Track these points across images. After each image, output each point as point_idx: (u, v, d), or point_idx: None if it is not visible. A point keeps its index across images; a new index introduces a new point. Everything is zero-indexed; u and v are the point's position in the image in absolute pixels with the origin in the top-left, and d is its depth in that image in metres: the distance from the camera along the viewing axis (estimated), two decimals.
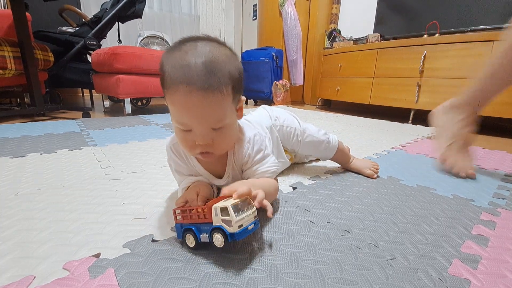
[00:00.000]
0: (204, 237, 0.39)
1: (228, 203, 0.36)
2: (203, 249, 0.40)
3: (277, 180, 0.55)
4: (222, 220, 0.36)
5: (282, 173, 0.75)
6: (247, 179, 0.53)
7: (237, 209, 0.36)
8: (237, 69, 0.43)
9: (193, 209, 0.39)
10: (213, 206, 0.37)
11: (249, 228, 0.37)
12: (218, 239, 0.36)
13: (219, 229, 0.36)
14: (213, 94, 0.39)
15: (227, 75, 0.40)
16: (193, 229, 0.39)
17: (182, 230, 0.41)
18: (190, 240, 0.40)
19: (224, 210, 0.36)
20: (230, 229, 0.35)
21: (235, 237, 0.35)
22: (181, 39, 0.42)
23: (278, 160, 0.69)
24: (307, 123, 0.72)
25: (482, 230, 0.49)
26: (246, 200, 0.38)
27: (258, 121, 0.65)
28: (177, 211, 0.41)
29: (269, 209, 0.40)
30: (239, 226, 0.36)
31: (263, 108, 0.73)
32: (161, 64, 0.42)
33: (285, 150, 0.72)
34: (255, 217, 0.39)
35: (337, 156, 0.75)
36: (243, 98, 0.48)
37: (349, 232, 0.47)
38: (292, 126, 0.68)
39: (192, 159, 0.52)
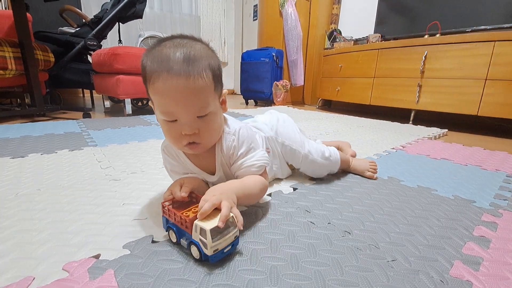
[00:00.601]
0: (183, 243, 0.39)
1: (209, 226, 0.35)
2: None
3: (266, 176, 0.53)
4: (200, 239, 0.36)
5: None
6: (234, 173, 0.52)
7: (217, 232, 0.36)
8: (216, 62, 0.44)
9: (176, 214, 0.39)
10: (194, 222, 0.36)
11: (225, 250, 0.37)
12: (195, 252, 0.37)
13: (196, 245, 0.36)
14: (194, 79, 0.40)
15: (207, 64, 0.42)
16: (174, 230, 0.40)
17: (167, 225, 0.42)
18: (173, 237, 0.41)
19: (203, 231, 0.35)
20: (205, 251, 0.35)
21: (208, 259, 0.36)
22: (159, 39, 0.43)
23: (282, 169, 0.68)
24: (311, 141, 0.69)
25: (483, 232, 0.49)
26: (229, 220, 0.38)
27: (257, 126, 0.64)
28: (165, 206, 0.41)
29: (239, 220, 0.39)
30: (214, 251, 0.36)
31: (270, 113, 0.71)
32: (141, 62, 0.43)
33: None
34: (235, 237, 0.38)
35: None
36: (225, 91, 0.49)
37: (349, 233, 0.46)
38: (293, 148, 0.66)
39: (183, 157, 0.52)
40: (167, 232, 0.42)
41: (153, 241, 0.43)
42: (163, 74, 0.39)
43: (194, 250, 0.37)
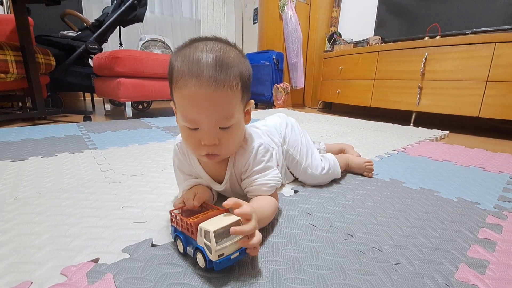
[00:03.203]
0: (189, 251, 0.37)
1: (212, 228, 0.33)
2: None
3: (276, 196, 0.52)
4: (205, 243, 0.34)
5: None
6: (244, 188, 0.51)
7: (223, 235, 0.34)
8: (247, 70, 0.43)
9: (183, 220, 0.38)
10: (199, 225, 0.35)
11: (233, 257, 0.34)
12: (200, 260, 0.35)
13: (201, 250, 0.35)
14: (222, 89, 0.38)
15: (238, 72, 0.40)
16: (182, 238, 0.38)
17: (174, 234, 0.40)
18: (180, 246, 0.39)
19: (207, 234, 0.34)
20: (210, 256, 0.34)
21: (213, 266, 0.34)
22: (192, 39, 0.42)
23: (286, 176, 0.67)
24: (315, 153, 0.68)
25: (488, 234, 0.48)
26: (236, 223, 0.36)
27: (270, 132, 0.64)
28: (173, 214, 0.40)
29: (256, 239, 0.35)
30: (219, 255, 0.33)
31: (278, 117, 0.70)
32: (170, 61, 0.41)
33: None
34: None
35: None
36: (252, 101, 0.47)
37: (352, 236, 0.46)
38: (296, 159, 0.65)
39: (194, 161, 0.51)
40: (175, 242, 0.41)
41: (152, 245, 0.42)
42: (192, 80, 0.37)
43: (199, 257, 0.35)
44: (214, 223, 0.35)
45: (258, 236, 0.36)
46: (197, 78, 0.37)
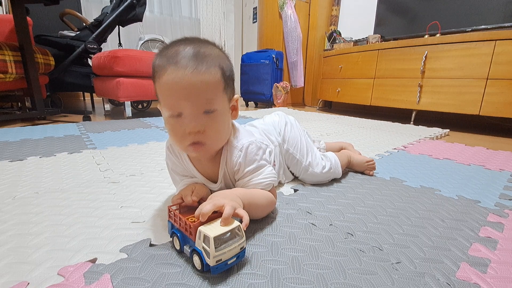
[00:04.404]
0: (186, 250, 0.37)
1: (212, 233, 0.33)
2: None
3: (275, 193, 0.52)
4: (203, 247, 0.34)
5: None
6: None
7: (222, 241, 0.34)
8: (227, 66, 0.43)
9: (182, 219, 0.38)
10: (198, 229, 0.35)
11: (229, 262, 0.35)
12: (197, 262, 0.35)
13: (199, 253, 0.34)
14: (201, 73, 0.39)
15: (217, 63, 0.41)
16: (179, 236, 0.38)
17: (171, 230, 0.40)
18: (177, 244, 0.39)
19: (207, 239, 0.33)
20: (207, 260, 0.33)
21: (210, 270, 0.34)
22: (172, 41, 0.43)
23: (285, 175, 0.67)
24: (315, 151, 0.68)
25: (489, 232, 0.48)
26: (236, 229, 0.36)
27: (267, 130, 0.63)
28: (171, 210, 0.40)
29: (244, 220, 0.38)
30: (217, 261, 0.33)
31: (277, 115, 0.70)
32: (152, 62, 0.42)
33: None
34: (241, 248, 0.36)
35: None
36: (237, 96, 0.47)
37: (352, 235, 0.45)
38: (296, 157, 0.65)
39: (187, 161, 0.51)
40: (172, 238, 0.40)
41: (151, 245, 0.42)
42: (170, 67, 0.38)
43: (196, 259, 0.35)
44: (214, 228, 0.35)
45: (228, 207, 0.37)
46: (175, 65, 0.38)
